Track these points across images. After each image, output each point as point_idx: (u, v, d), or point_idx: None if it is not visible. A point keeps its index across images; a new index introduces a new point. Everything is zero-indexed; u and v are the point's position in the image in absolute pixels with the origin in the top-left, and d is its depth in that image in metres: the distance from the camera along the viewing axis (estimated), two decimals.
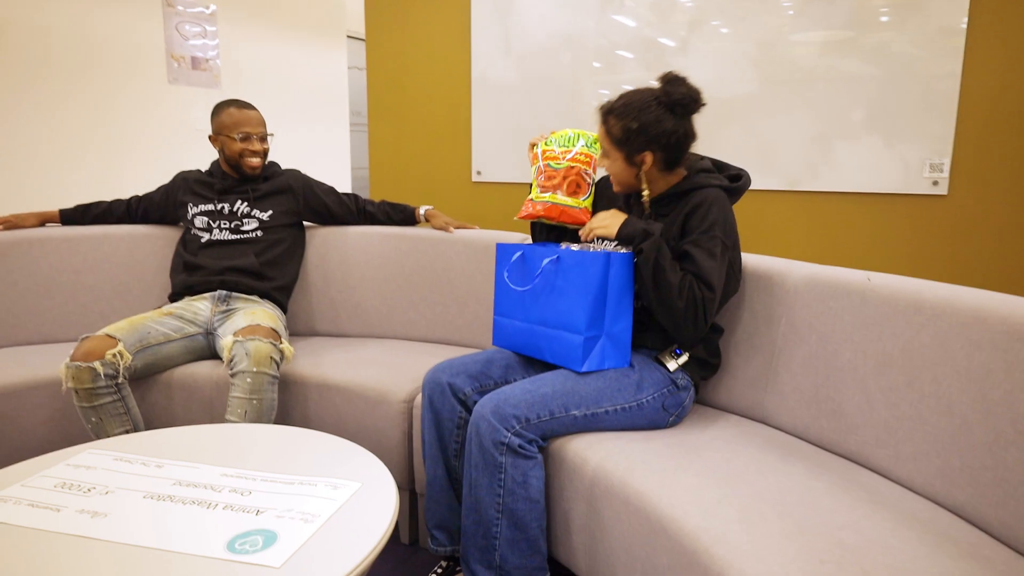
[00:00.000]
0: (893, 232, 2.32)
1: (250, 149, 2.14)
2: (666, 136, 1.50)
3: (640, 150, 1.52)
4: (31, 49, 3.90)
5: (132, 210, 2.31)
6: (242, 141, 2.13)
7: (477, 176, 3.13)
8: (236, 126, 2.12)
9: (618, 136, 1.53)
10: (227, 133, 2.13)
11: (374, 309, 2.29)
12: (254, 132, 2.14)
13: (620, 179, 1.60)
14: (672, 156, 1.54)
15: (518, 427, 1.39)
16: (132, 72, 4.49)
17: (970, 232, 2.19)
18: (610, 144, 1.56)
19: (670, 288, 1.42)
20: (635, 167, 1.56)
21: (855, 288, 1.43)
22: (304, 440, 1.41)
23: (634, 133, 1.51)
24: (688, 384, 1.58)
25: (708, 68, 2.53)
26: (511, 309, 1.68)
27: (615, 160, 1.57)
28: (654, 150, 1.52)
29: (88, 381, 1.64)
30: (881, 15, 2.23)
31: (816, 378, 1.48)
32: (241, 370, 1.70)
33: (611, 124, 1.54)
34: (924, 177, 2.24)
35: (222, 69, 5.09)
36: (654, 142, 1.51)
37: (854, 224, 2.38)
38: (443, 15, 3.09)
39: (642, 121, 1.50)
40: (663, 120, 1.49)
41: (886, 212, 2.32)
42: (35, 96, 3.93)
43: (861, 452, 1.38)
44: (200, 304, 2.01)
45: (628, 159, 1.55)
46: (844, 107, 2.33)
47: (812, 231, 2.46)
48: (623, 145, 1.54)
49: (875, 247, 2.36)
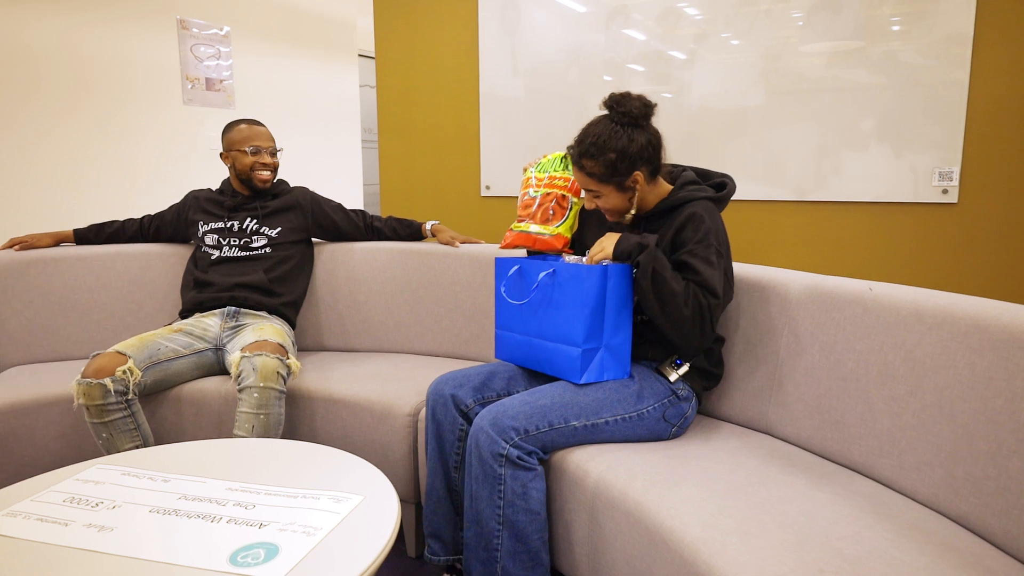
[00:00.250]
0: (903, 241, 2.30)
1: (261, 162, 2.18)
2: (643, 150, 1.51)
3: (628, 174, 1.52)
4: (48, 71, 3.99)
5: (144, 229, 2.35)
6: (253, 155, 2.17)
7: (486, 191, 3.15)
8: (246, 141, 2.17)
9: (602, 173, 1.52)
10: (238, 148, 2.17)
11: (381, 324, 2.31)
12: (264, 146, 2.19)
13: (618, 208, 1.59)
14: (654, 165, 1.56)
15: (517, 439, 1.40)
16: (148, 93, 4.58)
17: (981, 240, 2.17)
18: (597, 184, 1.55)
19: (675, 297, 1.43)
20: (628, 191, 1.55)
21: (857, 298, 1.43)
22: (309, 454, 1.42)
23: (616, 163, 1.50)
24: (690, 395, 1.58)
25: (716, 80, 2.53)
26: (511, 322, 1.69)
27: (608, 195, 1.56)
28: (639, 167, 1.53)
29: (99, 398, 1.67)
30: (888, 24, 2.22)
31: (819, 388, 1.48)
32: (248, 385, 1.72)
33: (589, 166, 1.53)
34: (933, 186, 2.23)
35: (236, 89, 5.18)
36: (637, 160, 1.51)
37: (863, 234, 2.36)
38: (451, 32, 3.13)
39: (618, 148, 1.50)
40: (634, 137, 1.51)
41: (895, 221, 2.30)
42: (52, 117, 4.02)
43: (864, 462, 1.37)
44: (210, 320, 2.04)
45: (620, 188, 1.55)
46: (852, 117, 2.32)
47: (820, 241, 2.45)
48: (611, 178, 1.53)
49: (884, 257, 2.34)
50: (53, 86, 3.99)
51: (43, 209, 4.02)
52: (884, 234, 2.32)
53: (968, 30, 2.11)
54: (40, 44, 3.93)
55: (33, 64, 3.92)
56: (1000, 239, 2.14)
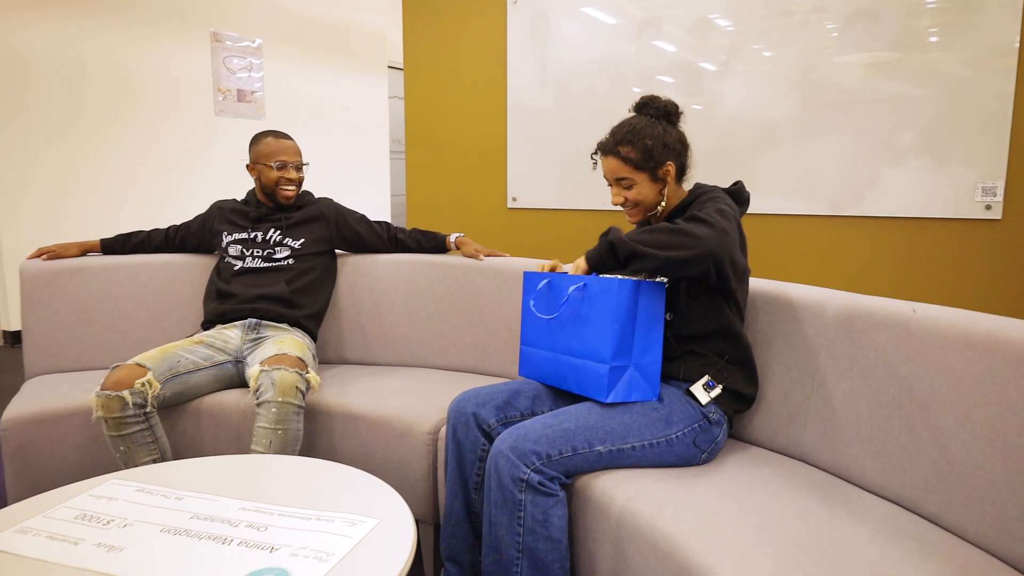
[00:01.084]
0: (943, 259, 2.22)
1: (286, 178, 2.17)
2: (677, 143, 1.58)
3: (662, 162, 1.56)
4: (83, 83, 4.06)
5: (170, 239, 2.35)
6: (279, 170, 2.16)
7: (513, 203, 3.12)
8: (273, 155, 2.16)
9: (638, 158, 1.56)
10: (264, 162, 2.16)
11: (404, 337, 2.27)
12: (291, 161, 2.17)
13: (647, 201, 1.61)
14: (684, 163, 1.61)
15: (538, 463, 1.34)
16: (180, 105, 4.63)
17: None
18: (631, 170, 1.58)
19: (668, 234, 1.39)
20: (660, 182, 1.59)
21: (899, 320, 1.35)
22: (325, 473, 1.38)
23: (652, 149, 1.55)
24: (721, 419, 1.51)
25: (748, 91, 2.48)
26: (537, 338, 1.64)
27: (641, 183, 1.59)
28: (672, 159, 1.57)
29: (117, 410, 1.66)
30: (928, 35, 2.16)
31: (858, 415, 1.40)
32: (267, 400, 1.69)
33: (625, 152, 1.57)
34: (976, 201, 2.16)
35: (267, 100, 5.22)
36: (671, 151, 1.57)
37: (901, 250, 2.28)
38: (480, 43, 3.11)
39: (654, 136, 1.55)
40: (668, 130, 1.58)
41: (935, 238, 2.22)
42: (86, 128, 4.08)
43: (908, 496, 1.29)
44: (231, 332, 2.03)
45: (653, 177, 1.58)
46: (890, 129, 2.25)
47: (856, 257, 2.37)
48: (645, 165, 1.56)
49: (923, 275, 2.26)
50: (91, 98, 4.06)
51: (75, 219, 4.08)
52: (923, 251, 2.25)
53: (1014, 41, 2.04)
54: (80, 57, 4.00)
55: (73, 76, 3.99)
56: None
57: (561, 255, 2.94)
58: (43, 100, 3.87)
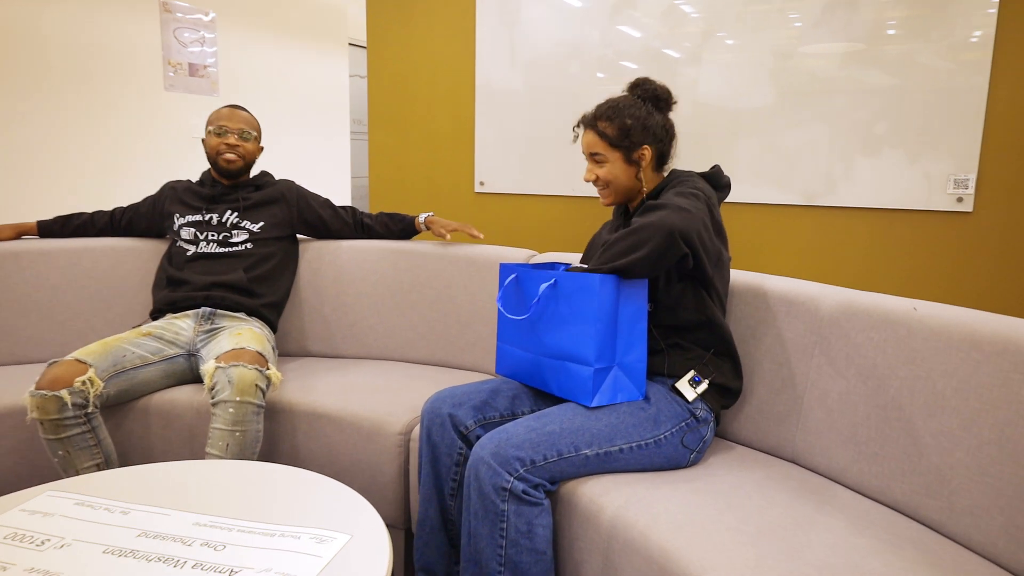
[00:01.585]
0: (914, 250, 2.22)
1: (226, 143, 2.02)
2: (659, 129, 1.52)
3: (638, 145, 1.51)
4: (23, 55, 3.78)
5: (116, 221, 2.18)
6: (218, 135, 2.01)
7: (480, 187, 3.04)
8: (215, 120, 2.03)
9: (614, 136, 1.51)
10: (207, 130, 2.03)
11: (370, 329, 2.15)
12: (232, 127, 2.03)
13: (618, 182, 1.54)
14: (664, 150, 1.55)
15: (522, 470, 1.25)
16: (128, 79, 4.37)
17: (997, 251, 2.09)
18: (606, 146, 1.52)
19: (628, 237, 1.33)
20: (634, 165, 1.53)
21: (900, 318, 1.30)
22: (289, 480, 1.27)
23: (630, 129, 1.49)
24: (708, 416, 1.44)
25: (722, 78, 2.43)
26: (513, 336, 1.54)
27: (613, 162, 1.53)
28: (650, 143, 1.52)
29: (54, 411, 1.50)
30: (906, 24, 2.13)
31: (855, 417, 1.34)
32: (223, 399, 1.56)
33: (603, 127, 1.52)
34: (948, 193, 2.15)
35: (220, 76, 4.98)
36: (649, 135, 1.51)
37: (872, 241, 2.28)
38: (447, 22, 2.99)
39: (635, 116, 1.50)
40: (652, 114, 1.52)
41: (907, 230, 2.23)
42: (27, 103, 3.81)
43: (908, 502, 1.24)
44: (182, 323, 1.88)
45: (627, 158, 1.52)
46: (866, 120, 2.24)
47: (829, 248, 2.35)
48: (620, 143, 1.51)
49: (894, 266, 2.26)
50: (24, 69, 3.78)
51: (17, 199, 3.81)
52: (894, 243, 2.25)
53: (989, 32, 2.03)
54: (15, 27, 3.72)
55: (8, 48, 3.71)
56: (1017, 250, 2.06)
57: (530, 241, 2.85)
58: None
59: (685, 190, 1.41)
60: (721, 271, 1.48)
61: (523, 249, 2.09)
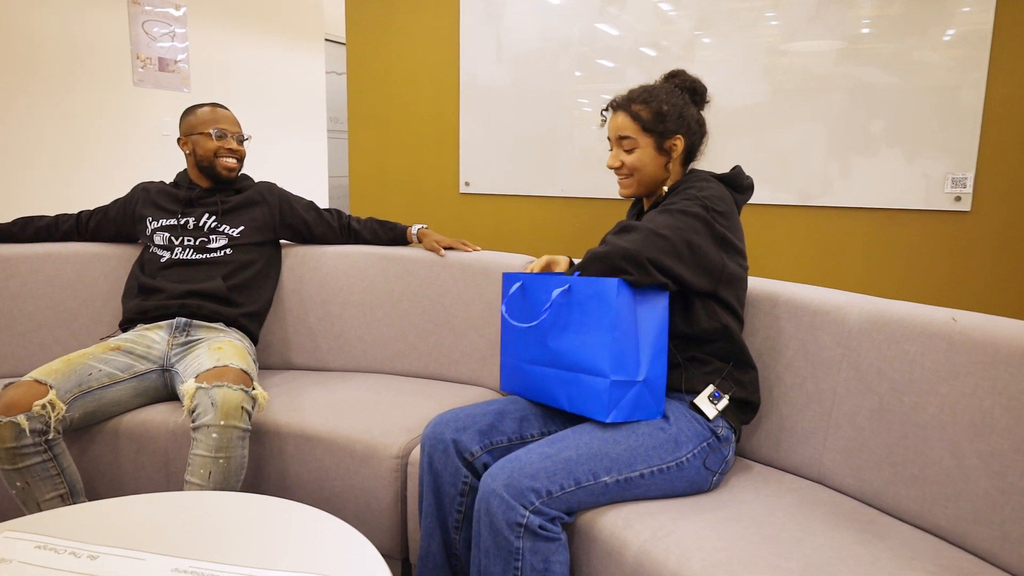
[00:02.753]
0: (911, 250, 2.19)
1: (226, 147, 1.89)
2: (693, 121, 1.44)
3: (672, 133, 1.42)
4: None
5: (82, 225, 2.02)
6: (218, 139, 1.87)
7: (465, 187, 2.94)
8: (212, 123, 1.89)
9: (648, 120, 1.41)
10: (200, 131, 1.88)
11: (358, 340, 2.02)
12: (231, 131, 1.91)
13: (646, 170, 1.44)
14: (695, 145, 1.47)
15: (538, 503, 1.14)
16: (94, 73, 4.18)
17: (995, 251, 2.08)
18: (638, 129, 1.42)
19: (595, 262, 1.30)
20: (664, 155, 1.44)
21: (937, 330, 1.21)
22: (279, 515, 1.14)
23: (666, 116, 1.41)
24: (729, 434, 1.35)
25: (716, 75, 2.38)
26: (519, 349, 1.43)
27: (644, 148, 1.43)
28: (684, 134, 1.43)
29: (10, 440, 1.36)
30: (901, 20, 2.10)
31: (889, 436, 1.25)
32: (206, 423, 1.42)
33: (637, 109, 1.42)
34: (946, 192, 2.12)
35: (192, 72, 4.80)
36: (684, 126, 1.43)
37: (869, 241, 2.24)
38: (430, 16, 2.89)
39: (672, 103, 1.42)
40: (688, 104, 1.45)
41: (905, 229, 2.19)
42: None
43: (954, 529, 1.15)
44: (155, 335, 1.73)
45: (659, 146, 1.43)
46: (862, 118, 2.20)
47: (824, 248, 2.31)
48: (654, 129, 1.41)
49: (891, 266, 2.23)
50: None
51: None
52: (891, 243, 2.21)
53: (987, 29, 2.00)
54: None
55: None
56: (1016, 249, 2.05)
57: (517, 244, 2.76)
58: None
59: (682, 204, 1.33)
60: (732, 285, 1.38)
61: (516, 256, 1.97)
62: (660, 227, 1.28)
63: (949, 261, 2.12)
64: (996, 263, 2.06)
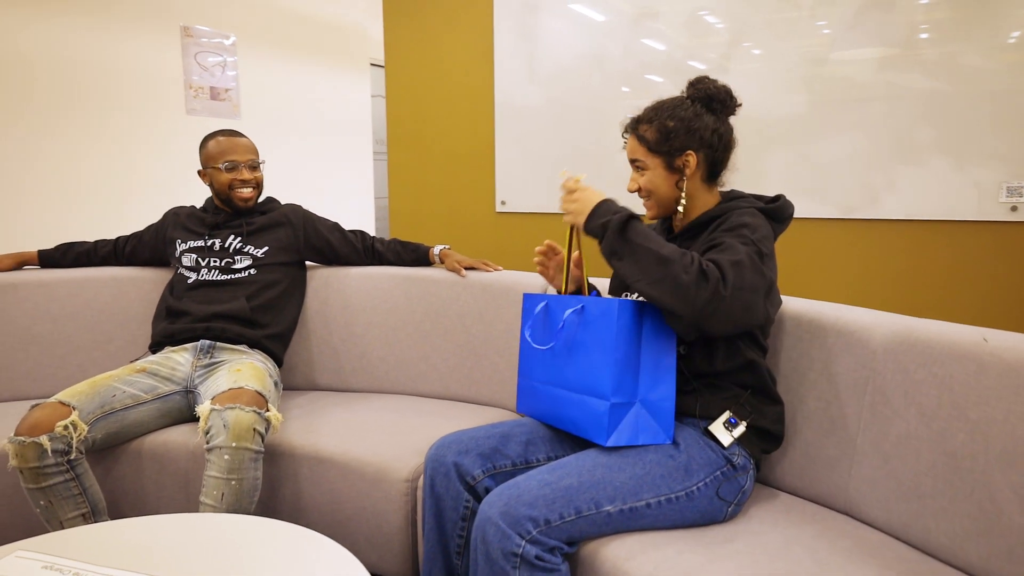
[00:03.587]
0: (964, 265, 2.07)
1: (239, 179, 1.93)
2: (708, 133, 1.32)
3: (681, 150, 1.32)
4: (44, 77, 3.78)
5: (119, 250, 2.10)
6: (228, 171, 1.91)
7: (501, 206, 2.95)
8: (222, 155, 1.91)
9: (654, 139, 1.33)
10: (213, 164, 1.92)
11: (381, 360, 2.02)
12: (241, 160, 1.93)
13: (660, 192, 1.36)
14: (716, 159, 1.35)
15: (535, 532, 1.10)
16: (149, 102, 4.37)
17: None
18: (645, 152, 1.35)
19: (666, 263, 1.13)
20: (676, 173, 1.34)
21: (967, 351, 1.13)
22: (286, 541, 1.14)
23: (673, 132, 1.32)
24: (747, 463, 1.28)
25: (752, 87, 2.33)
26: (534, 370, 1.40)
27: (653, 169, 1.35)
28: (696, 149, 1.32)
29: (34, 459, 1.40)
30: (946, 24, 2.00)
31: (917, 465, 1.17)
32: (218, 445, 1.44)
33: (643, 130, 1.35)
34: (1001, 202, 2.01)
35: (241, 99, 4.96)
36: (695, 140, 1.32)
37: (918, 255, 2.14)
38: (465, 37, 2.92)
39: (679, 118, 1.32)
40: (702, 115, 1.33)
41: (956, 242, 2.07)
42: (47, 125, 3.81)
43: (985, 567, 1.06)
44: (180, 357, 1.77)
45: (668, 165, 1.34)
46: (907, 126, 2.11)
47: (869, 264, 2.20)
48: (661, 148, 1.33)
49: (942, 282, 2.11)
50: (49, 93, 3.78)
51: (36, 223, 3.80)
52: (941, 256, 2.10)
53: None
54: (36, 49, 3.73)
55: (28, 70, 3.71)
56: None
57: None
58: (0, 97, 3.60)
59: (732, 252, 1.17)
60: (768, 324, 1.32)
61: (540, 275, 1.94)
62: (742, 261, 1.16)
63: (1005, 275, 2.00)
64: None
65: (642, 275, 1.15)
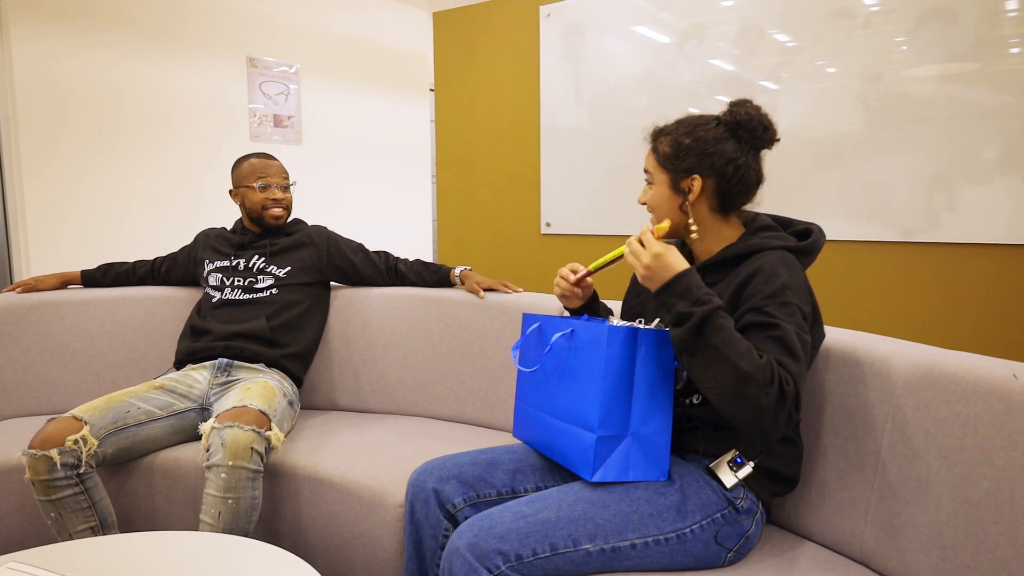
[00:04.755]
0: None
1: (271, 198, 1.98)
2: (722, 160, 1.21)
3: (688, 172, 1.23)
4: (116, 109, 4.02)
5: (156, 270, 2.18)
6: (262, 191, 1.96)
7: (547, 228, 2.94)
8: (255, 175, 1.97)
9: (666, 153, 1.26)
10: (246, 183, 1.98)
11: (399, 382, 2.01)
12: (274, 181, 1.98)
13: (660, 211, 1.27)
14: (727, 189, 1.23)
15: (504, 567, 1.04)
16: (215, 130, 4.57)
17: None
18: (655, 165, 1.28)
19: (746, 381, 1.02)
20: (680, 195, 1.25)
21: (994, 388, 1.01)
22: (277, 568, 1.12)
23: (685, 149, 1.23)
24: (753, 506, 1.18)
25: (805, 105, 2.22)
26: (528, 393, 1.35)
27: (658, 185, 1.27)
28: (705, 175, 1.23)
29: (44, 472, 1.44)
30: (1012, 37, 1.84)
31: (938, 514, 1.05)
32: (216, 463, 1.45)
33: (660, 143, 1.28)
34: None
35: (304, 125, 5.13)
36: (706, 164, 1.22)
37: (984, 282, 1.94)
38: (511, 60, 2.95)
39: (696, 136, 1.23)
40: (722, 140, 1.23)
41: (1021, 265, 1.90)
42: (117, 156, 4.03)
43: None
44: (198, 374, 1.81)
45: (673, 183, 1.25)
46: (971, 145, 1.96)
47: (930, 290, 2.04)
48: (669, 164, 1.25)
49: (1012, 312, 1.89)
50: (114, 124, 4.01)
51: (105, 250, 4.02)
52: (1010, 284, 1.92)
53: None
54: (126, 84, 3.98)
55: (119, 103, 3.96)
56: None
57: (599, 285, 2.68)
58: (76, 127, 3.84)
59: (791, 310, 1.10)
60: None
61: (554, 297, 1.89)
62: (795, 346, 1.08)
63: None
64: None
65: (715, 384, 1.06)
